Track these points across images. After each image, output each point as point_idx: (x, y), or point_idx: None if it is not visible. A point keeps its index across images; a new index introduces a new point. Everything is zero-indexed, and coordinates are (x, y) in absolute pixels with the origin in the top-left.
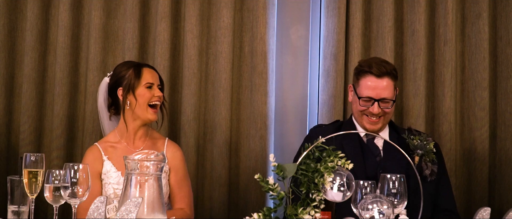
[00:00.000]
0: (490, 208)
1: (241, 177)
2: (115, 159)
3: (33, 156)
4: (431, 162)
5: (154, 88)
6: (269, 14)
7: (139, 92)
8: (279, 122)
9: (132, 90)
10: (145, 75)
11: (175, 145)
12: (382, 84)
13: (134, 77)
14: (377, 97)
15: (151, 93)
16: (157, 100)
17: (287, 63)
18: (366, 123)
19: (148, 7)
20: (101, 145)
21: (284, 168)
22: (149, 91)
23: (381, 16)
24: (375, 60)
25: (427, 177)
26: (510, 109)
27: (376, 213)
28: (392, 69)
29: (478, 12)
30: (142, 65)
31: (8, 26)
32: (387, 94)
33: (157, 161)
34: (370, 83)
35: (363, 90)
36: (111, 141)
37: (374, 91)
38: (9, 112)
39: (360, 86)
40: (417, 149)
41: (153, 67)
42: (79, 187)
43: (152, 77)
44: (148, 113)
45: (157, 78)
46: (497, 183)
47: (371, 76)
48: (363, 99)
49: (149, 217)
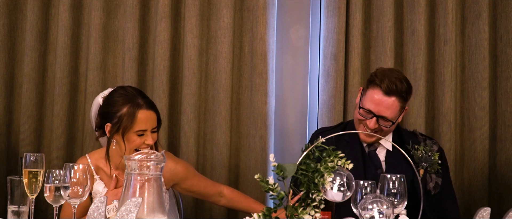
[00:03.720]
0: (490, 208)
1: (241, 177)
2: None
3: (33, 156)
4: (435, 173)
5: (147, 134)
6: (269, 14)
7: (129, 137)
8: (279, 122)
9: (122, 133)
10: (139, 121)
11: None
12: (387, 102)
13: (127, 120)
14: (377, 113)
15: (142, 140)
16: (145, 147)
17: (287, 63)
18: (361, 135)
19: (148, 7)
20: (92, 160)
21: (284, 168)
22: (140, 138)
23: (381, 16)
24: (391, 75)
25: (431, 191)
26: (510, 109)
27: (376, 213)
28: (404, 90)
29: (478, 12)
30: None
31: (8, 26)
32: (389, 113)
33: (157, 161)
34: (376, 96)
35: (367, 100)
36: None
37: (376, 106)
38: (9, 112)
39: (366, 95)
40: (422, 162)
41: (152, 106)
42: (79, 187)
43: (147, 123)
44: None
45: (154, 121)
46: (497, 183)
47: (379, 90)
48: (363, 109)
49: (149, 217)
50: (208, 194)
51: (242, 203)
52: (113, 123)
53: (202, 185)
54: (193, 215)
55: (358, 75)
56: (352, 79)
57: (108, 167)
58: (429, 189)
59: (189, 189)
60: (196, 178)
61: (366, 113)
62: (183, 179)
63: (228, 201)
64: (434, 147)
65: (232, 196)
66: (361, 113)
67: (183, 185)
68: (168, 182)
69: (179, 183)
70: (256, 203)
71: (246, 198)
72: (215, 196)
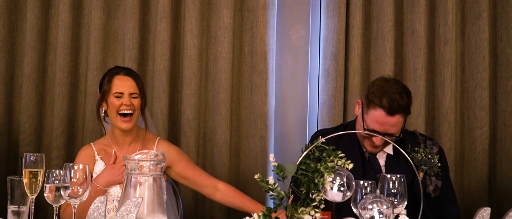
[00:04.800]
0: (490, 208)
1: (241, 177)
2: (107, 161)
3: (33, 156)
4: (435, 176)
5: (124, 97)
6: (269, 14)
7: (110, 100)
8: (279, 122)
9: (106, 99)
10: (116, 83)
11: (166, 142)
12: (392, 121)
13: (106, 85)
14: (383, 132)
15: (119, 102)
16: (125, 109)
17: (287, 63)
18: (367, 145)
19: (148, 7)
20: (95, 145)
21: (284, 168)
22: (118, 100)
23: (381, 16)
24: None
25: (430, 194)
26: (510, 109)
27: (376, 213)
28: (405, 105)
29: (478, 12)
30: (116, 73)
31: (8, 26)
32: (394, 130)
33: (157, 161)
34: (380, 119)
35: (370, 121)
36: (104, 143)
37: (381, 126)
38: (9, 112)
39: (368, 115)
40: (422, 165)
41: (130, 74)
42: (79, 187)
43: (123, 86)
44: (118, 121)
45: (131, 86)
46: (497, 183)
47: (381, 111)
48: (368, 131)
49: (149, 217)
50: (202, 184)
51: (237, 199)
52: (101, 91)
53: (196, 173)
54: (193, 215)
55: (358, 75)
56: (352, 79)
57: (110, 147)
58: (428, 192)
59: (182, 174)
60: (191, 166)
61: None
62: (175, 161)
63: (223, 195)
64: (434, 148)
65: (228, 191)
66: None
67: (176, 168)
68: None
69: (172, 165)
70: (252, 201)
71: (242, 195)
72: (210, 188)
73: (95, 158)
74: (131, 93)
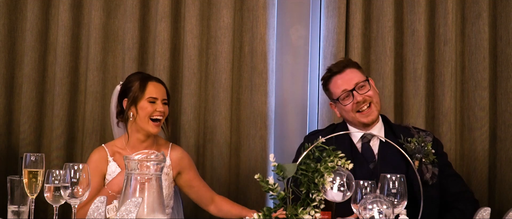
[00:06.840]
0: (490, 208)
1: (241, 177)
2: (120, 162)
3: (33, 156)
4: (431, 164)
5: (158, 103)
6: (269, 14)
7: (142, 105)
8: (279, 122)
9: (135, 103)
10: (150, 89)
11: (179, 149)
12: (347, 76)
13: (139, 90)
14: (350, 87)
15: (153, 108)
16: (158, 115)
17: (287, 63)
18: (362, 118)
19: (148, 7)
20: (108, 147)
21: (284, 168)
22: (152, 105)
23: (381, 16)
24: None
25: (428, 181)
26: (510, 109)
27: (376, 213)
28: (349, 60)
29: (478, 12)
30: (149, 79)
31: (8, 26)
32: (357, 79)
33: (157, 161)
34: (338, 81)
35: (335, 91)
36: (118, 146)
37: (344, 84)
38: (9, 112)
39: (332, 92)
40: (416, 153)
41: (161, 82)
42: (79, 187)
43: (157, 92)
44: (149, 126)
45: (163, 93)
46: (497, 183)
47: (333, 76)
48: (341, 98)
49: (149, 217)
50: (203, 195)
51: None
52: (129, 96)
53: (201, 184)
54: (193, 215)
55: None
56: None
57: (125, 151)
58: (426, 179)
59: (189, 183)
60: (198, 176)
61: (346, 98)
62: (186, 168)
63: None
64: (427, 138)
65: (222, 202)
66: (343, 103)
67: (186, 176)
68: (175, 166)
69: (182, 172)
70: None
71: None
72: (207, 200)
73: (107, 160)
74: (163, 99)
